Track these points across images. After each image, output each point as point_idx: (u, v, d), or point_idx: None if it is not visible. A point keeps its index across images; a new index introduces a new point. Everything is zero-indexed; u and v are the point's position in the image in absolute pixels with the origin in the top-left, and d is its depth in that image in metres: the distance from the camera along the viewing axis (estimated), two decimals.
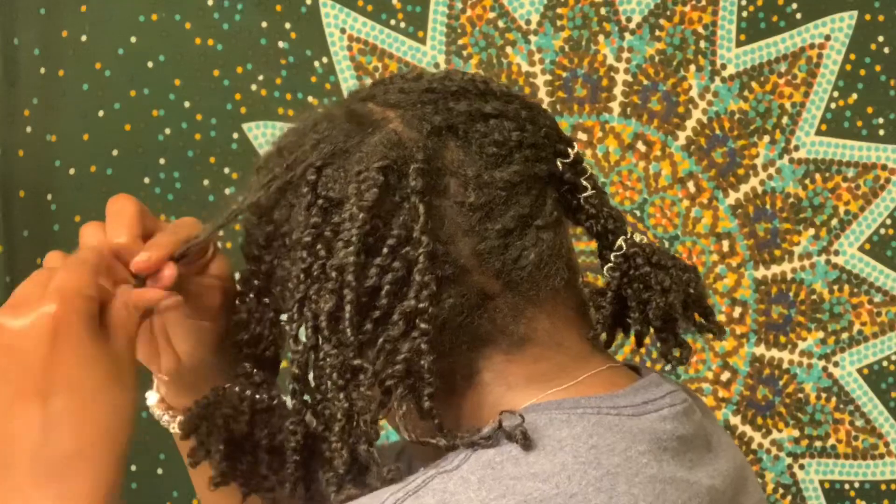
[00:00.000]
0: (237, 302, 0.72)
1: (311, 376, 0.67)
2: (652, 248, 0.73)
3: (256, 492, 0.73)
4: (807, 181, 1.40)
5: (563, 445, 0.62)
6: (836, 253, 1.40)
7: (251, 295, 0.71)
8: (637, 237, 0.73)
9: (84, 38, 1.30)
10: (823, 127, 1.40)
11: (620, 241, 0.72)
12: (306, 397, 0.67)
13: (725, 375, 1.40)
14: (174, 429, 0.78)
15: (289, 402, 0.69)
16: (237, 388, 0.71)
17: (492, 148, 0.68)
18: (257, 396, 0.71)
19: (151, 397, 0.79)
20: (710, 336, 0.76)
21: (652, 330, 0.73)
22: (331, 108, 0.72)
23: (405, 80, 0.72)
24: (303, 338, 0.67)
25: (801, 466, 1.41)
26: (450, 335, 0.66)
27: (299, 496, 0.69)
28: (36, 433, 0.60)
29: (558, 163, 0.71)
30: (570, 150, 0.72)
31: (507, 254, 0.67)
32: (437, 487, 0.60)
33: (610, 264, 0.72)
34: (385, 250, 0.65)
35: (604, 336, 0.73)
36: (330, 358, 0.65)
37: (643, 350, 1.39)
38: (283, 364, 0.72)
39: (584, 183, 0.72)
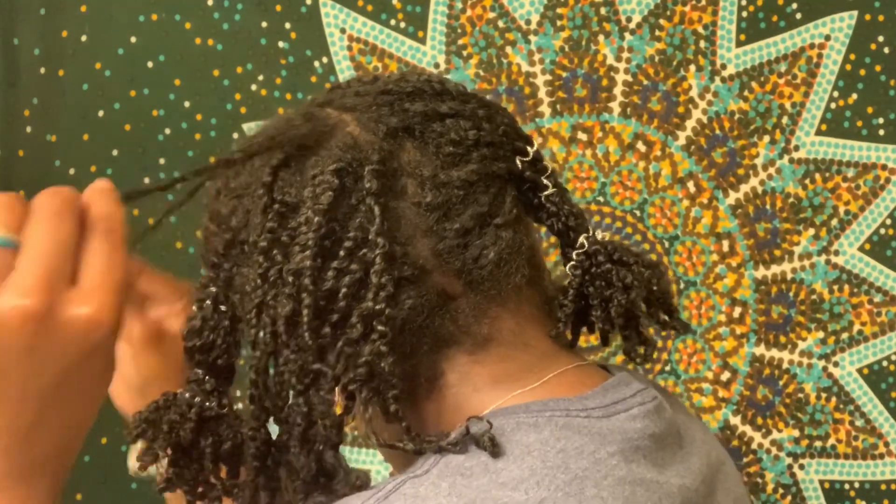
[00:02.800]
0: (193, 308, 0.71)
1: (270, 382, 0.66)
2: (614, 245, 0.72)
3: (202, 500, 0.72)
4: (807, 181, 1.40)
5: (532, 450, 0.62)
6: (836, 253, 1.40)
7: (207, 302, 0.70)
8: (599, 234, 0.73)
9: (84, 38, 1.30)
10: (823, 127, 1.40)
11: (582, 239, 0.72)
12: (267, 403, 0.67)
13: (725, 375, 1.40)
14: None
15: (242, 408, 0.69)
16: (187, 395, 0.70)
17: (448, 147, 0.67)
18: (206, 404, 0.69)
19: (132, 460, 0.79)
20: (674, 333, 0.76)
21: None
22: (289, 114, 0.71)
23: (361, 84, 0.71)
24: (262, 344, 0.66)
25: (801, 466, 1.41)
26: (411, 337, 0.66)
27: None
28: (22, 430, 0.58)
29: (517, 161, 0.71)
30: (529, 148, 0.72)
31: (466, 253, 0.67)
32: (407, 492, 0.60)
33: (572, 262, 0.72)
34: (342, 253, 0.65)
35: (569, 335, 0.73)
36: (289, 363, 0.65)
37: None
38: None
39: (545, 181, 0.72)
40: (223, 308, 0.69)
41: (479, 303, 0.67)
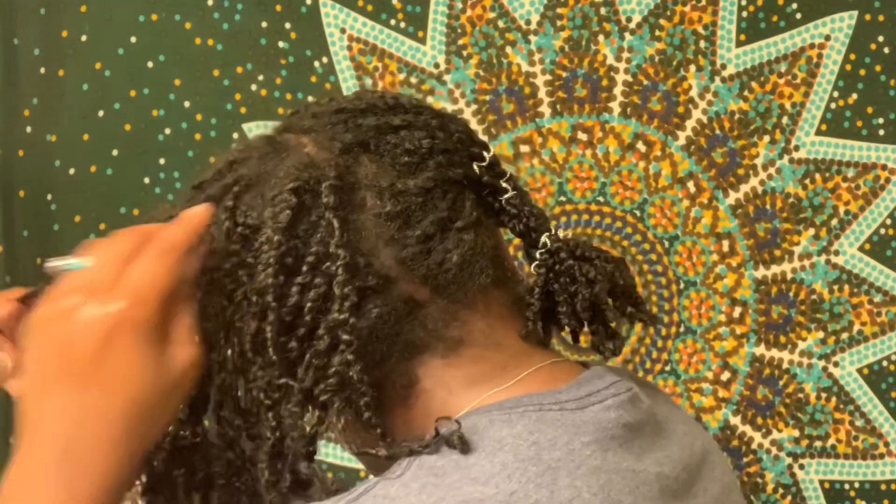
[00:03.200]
0: None
1: (241, 401, 0.68)
2: (576, 241, 0.74)
3: None
4: (807, 181, 1.40)
5: (504, 445, 0.63)
6: (836, 253, 1.40)
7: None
8: (561, 233, 0.75)
9: (84, 38, 1.30)
10: (823, 127, 1.40)
11: (544, 238, 0.73)
12: (237, 421, 0.69)
13: (725, 375, 1.40)
14: None
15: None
16: None
17: (404, 157, 0.69)
18: (181, 433, 0.70)
19: None
20: (640, 324, 0.78)
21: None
22: (251, 142, 0.74)
23: (318, 106, 0.74)
24: (229, 363, 0.68)
25: (801, 466, 1.41)
26: (380, 344, 0.67)
27: None
28: (66, 419, 0.62)
29: (475, 166, 0.72)
30: (485, 153, 0.73)
31: (430, 258, 0.68)
32: (378, 493, 0.61)
33: (536, 262, 0.74)
34: (304, 268, 0.66)
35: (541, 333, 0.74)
36: (257, 380, 0.66)
37: (643, 350, 1.39)
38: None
39: (504, 185, 0.73)
40: (196, 338, 0.70)
41: (448, 307, 0.69)
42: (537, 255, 0.74)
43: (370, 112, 0.71)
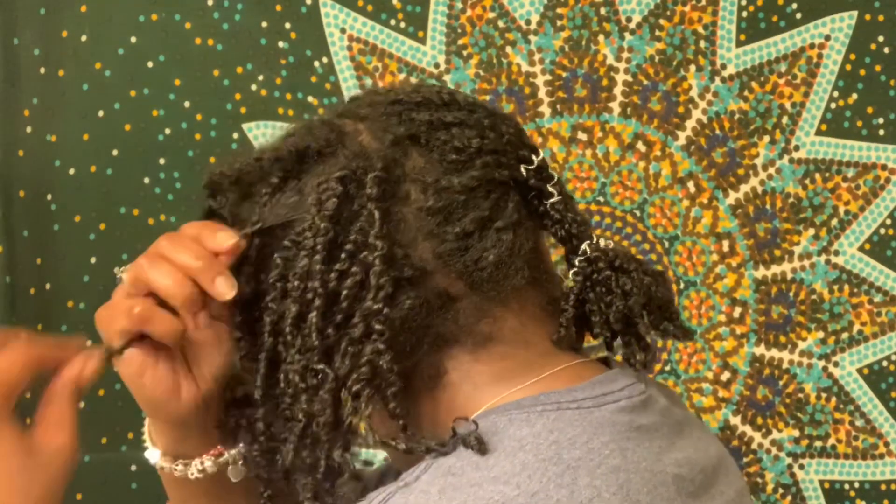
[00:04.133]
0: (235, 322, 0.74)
1: (278, 382, 0.69)
2: (616, 252, 0.74)
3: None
4: (807, 181, 1.40)
5: (524, 444, 0.63)
6: (836, 253, 1.40)
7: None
8: (602, 242, 0.75)
9: (84, 38, 1.30)
10: (823, 127, 1.40)
11: (584, 246, 0.74)
12: (278, 402, 0.69)
13: (725, 375, 1.40)
14: (193, 474, 0.77)
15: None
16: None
17: (452, 154, 0.70)
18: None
19: (153, 454, 0.78)
20: (677, 340, 0.78)
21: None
22: (310, 122, 0.74)
23: (375, 94, 0.75)
24: (266, 346, 0.69)
25: (801, 466, 1.41)
26: (412, 335, 0.68)
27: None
28: None
29: (522, 169, 0.73)
30: (534, 156, 0.74)
31: (467, 255, 0.69)
32: (397, 502, 0.61)
33: (574, 268, 0.74)
34: (343, 256, 0.67)
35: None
36: (294, 363, 0.67)
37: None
38: None
39: (550, 189, 0.74)
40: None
41: (481, 303, 0.69)
42: (576, 263, 0.74)
43: (425, 106, 0.72)
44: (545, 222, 0.74)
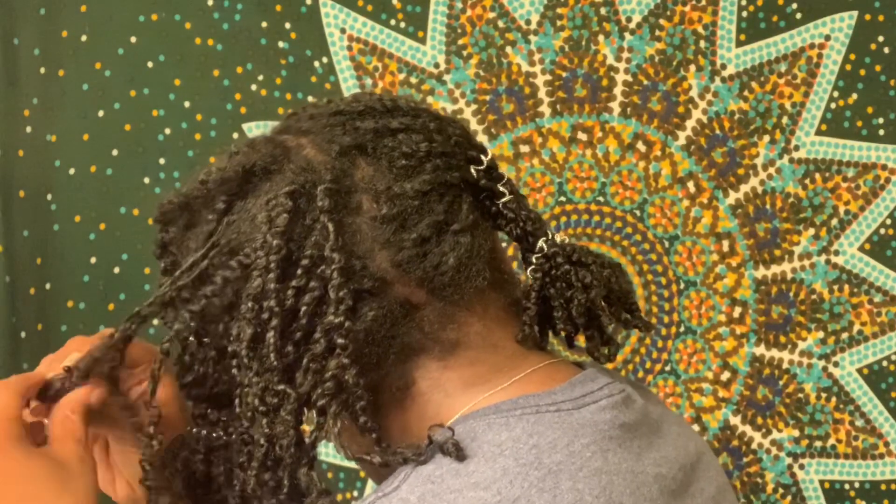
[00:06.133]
0: (178, 347, 0.72)
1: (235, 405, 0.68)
2: (573, 247, 0.74)
3: None
4: (807, 181, 1.40)
5: (504, 449, 0.63)
6: (836, 253, 1.40)
7: (191, 338, 0.71)
8: (557, 238, 0.74)
9: (84, 38, 1.30)
10: (823, 127, 1.40)
11: (541, 243, 0.73)
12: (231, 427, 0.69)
13: (725, 375, 1.40)
14: None
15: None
16: (194, 430, 0.72)
17: (401, 161, 0.69)
18: (213, 434, 0.71)
19: None
20: (637, 331, 0.77)
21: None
22: (251, 141, 0.73)
23: (315, 107, 0.74)
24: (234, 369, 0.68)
25: (801, 466, 1.41)
26: (377, 347, 0.67)
27: None
28: None
29: (472, 170, 0.72)
30: (482, 156, 0.73)
31: (426, 261, 0.68)
32: None
33: (532, 266, 0.73)
34: (299, 272, 0.66)
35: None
36: (252, 386, 0.66)
37: (643, 350, 1.39)
38: None
39: (501, 188, 0.73)
40: (206, 340, 0.71)
41: (444, 309, 0.68)
42: (534, 260, 0.73)
43: (368, 114, 0.71)
44: (499, 222, 0.74)
